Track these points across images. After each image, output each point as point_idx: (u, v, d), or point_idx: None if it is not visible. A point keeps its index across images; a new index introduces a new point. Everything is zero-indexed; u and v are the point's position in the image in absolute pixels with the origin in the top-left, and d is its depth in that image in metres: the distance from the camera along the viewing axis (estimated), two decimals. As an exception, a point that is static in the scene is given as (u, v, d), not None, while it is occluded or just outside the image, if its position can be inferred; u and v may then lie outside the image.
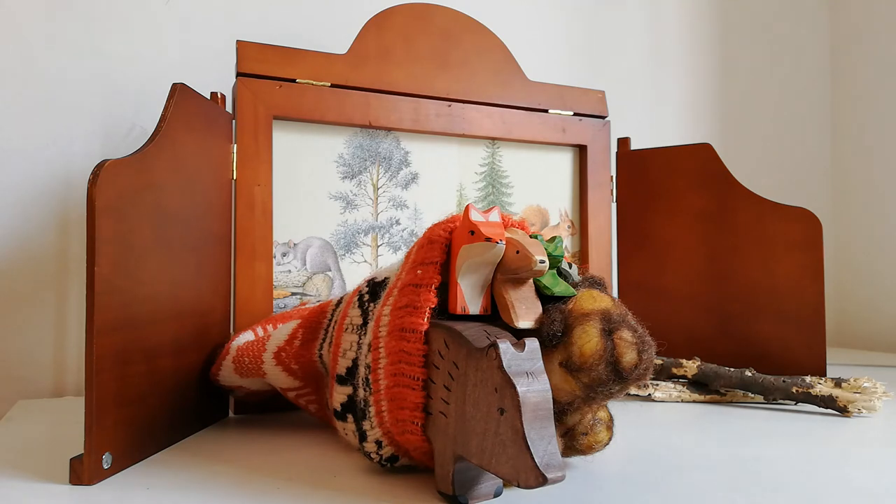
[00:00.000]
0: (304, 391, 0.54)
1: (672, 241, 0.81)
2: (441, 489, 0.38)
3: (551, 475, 0.31)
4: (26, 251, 0.75)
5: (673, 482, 0.42)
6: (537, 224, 0.80)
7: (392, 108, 0.71)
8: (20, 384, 0.74)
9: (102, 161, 0.42)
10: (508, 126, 0.77)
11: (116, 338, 0.43)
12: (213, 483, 0.42)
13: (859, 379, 0.62)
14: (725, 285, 0.77)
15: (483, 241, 0.38)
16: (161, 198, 0.49)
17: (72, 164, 0.77)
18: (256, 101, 0.64)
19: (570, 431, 0.41)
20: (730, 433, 0.54)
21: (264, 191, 0.64)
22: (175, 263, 0.52)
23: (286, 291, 0.66)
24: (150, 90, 0.80)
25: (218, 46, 0.82)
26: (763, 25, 1.23)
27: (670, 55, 1.14)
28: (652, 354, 0.39)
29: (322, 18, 0.89)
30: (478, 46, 0.76)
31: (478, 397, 0.34)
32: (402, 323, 0.39)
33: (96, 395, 0.41)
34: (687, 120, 1.16)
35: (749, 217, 0.76)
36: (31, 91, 0.76)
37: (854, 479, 0.42)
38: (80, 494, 0.40)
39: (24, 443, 0.52)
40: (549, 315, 0.39)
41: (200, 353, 0.56)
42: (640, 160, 0.83)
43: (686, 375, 0.68)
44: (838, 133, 1.28)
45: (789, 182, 1.24)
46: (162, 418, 0.50)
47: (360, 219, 0.70)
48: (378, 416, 0.41)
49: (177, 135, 0.52)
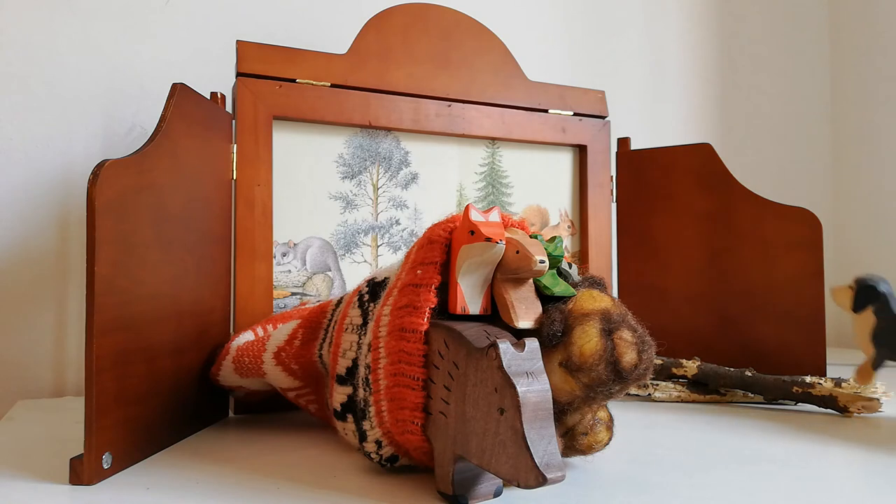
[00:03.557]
0: (304, 391, 0.54)
1: (672, 241, 0.81)
2: (441, 489, 0.38)
3: (551, 475, 0.31)
4: (26, 251, 0.75)
5: (673, 482, 0.42)
6: (537, 224, 0.80)
7: (392, 108, 0.71)
8: (20, 384, 0.74)
9: (102, 161, 0.42)
10: (508, 126, 0.77)
11: (116, 338, 0.43)
12: (213, 483, 0.42)
13: (859, 379, 0.62)
14: (725, 285, 0.77)
15: (483, 241, 0.38)
16: (161, 198, 0.49)
17: (72, 164, 0.77)
18: (256, 101, 0.64)
19: (570, 431, 0.41)
20: (730, 433, 0.54)
21: (264, 191, 0.64)
22: (175, 263, 0.52)
23: (286, 291, 0.66)
24: (150, 90, 0.80)
25: (218, 46, 0.82)
26: (763, 25, 1.23)
27: (670, 55, 1.14)
28: (652, 354, 0.39)
29: (322, 18, 0.89)
30: (478, 46, 0.76)
31: (478, 397, 0.34)
32: (402, 323, 0.39)
33: (96, 395, 0.41)
34: (687, 120, 1.16)
35: (749, 217, 0.76)
36: (31, 91, 0.76)
37: (854, 479, 0.42)
38: (80, 494, 0.40)
39: (24, 443, 0.52)
40: (549, 315, 0.39)
41: (200, 353, 0.56)
42: (640, 160, 0.83)
43: (686, 375, 0.68)
44: (838, 133, 1.28)
45: (789, 182, 1.24)
46: (162, 418, 0.50)
47: (360, 219, 0.70)
48: (378, 416, 0.41)
49: (177, 135, 0.52)
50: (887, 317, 0.57)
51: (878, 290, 0.58)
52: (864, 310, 0.59)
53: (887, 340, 0.57)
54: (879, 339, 0.57)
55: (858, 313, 0.59)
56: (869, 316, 0.58)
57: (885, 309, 0.57)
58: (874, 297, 0.58)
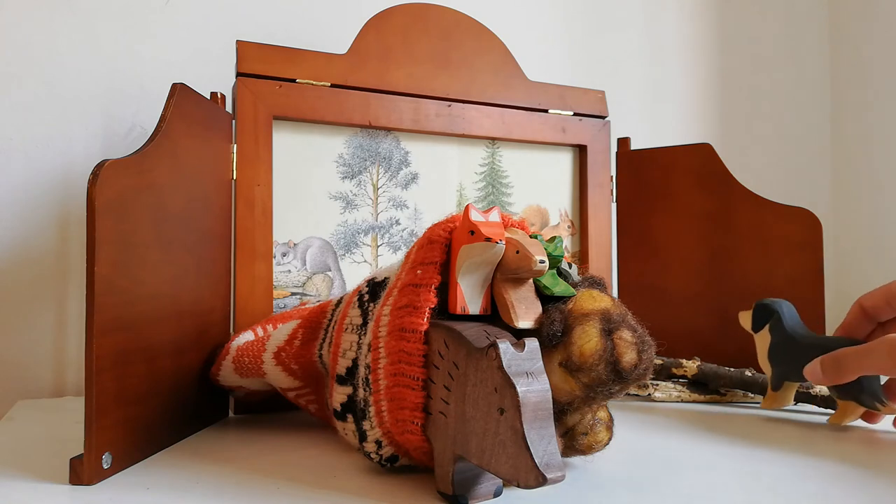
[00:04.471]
0: (304, 391, 0.54)
1: (672, 241, 0.81)
2: (441, 489, 0.38)
3: (551, 475, 0.31)
4: (26, 251, 0.75)
5: (673, 482, 0.42)
6: (537, 224, 0.80)
7: (392, 108, 0.71)
8: (20, 384, 0.74)
9: (102, 161, 0.42)
10: (508, 126, 0.77)
11: (116, 338, 0.43)
12: (213, 483, 0.42)
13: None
14: (725, 285, 0.77)
15: (483, 241, 0.38)
16: (161, 198, 0.49)
17: (72, 164, 0.77)
18: (256, 101, 0.64)
19: (569, 431, 0.41)
20: (730, 433, 0.54)
21: (264, 191, 0.64)
22: (175, 263, 0.52)
23: (286, 291, 0.66)
24: (150, 90, 0.80)
25: (218, 46, 0.82)
26: (763, 25, 1.23)
27: (670, 55, 1.14)
28: (652, 354, 0.39)
29: (322, 18, 0.89)
30: (478, 46, 0.76)
31: (477, 397, 0.34)
32: (402, 323, 0.39)
33: (96, 395, 0.41)
34: (687, 120, 1.16)
35: (749, 217, 0.76)
36: (31, 91, 0.76)
37: (854, 478, 0.42)
38: (80, 494, 0.40)
39: (24, 443, 0.52)
40: (549, 315, 0.39)
41: (200, 353, 0.56)
42: (640, 160, 0.83)
43: (686, 375, 0.68)
44: (838, 133, 1.28)
45: (789, 182, 1.24)
46: (162, 418, 0.50)
47: (360, 219, 0.70)
48: (378, 416, 0.41)
49: (177, 135, 0.52)
50: (780, 333, 0.58)
51: (772, 308, 0.59)
52: (762, 329, 0.59)
53: (782, 358, 0.57)
54: (774, 357, 0.58)
55: (757, 333, 0.60)
56: (765, 334, 0.59)
57: (779, 325, 0.58)
58: (769, 315, 0.59)
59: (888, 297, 0.52)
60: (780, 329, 0.58)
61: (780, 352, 0.57)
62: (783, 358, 0.57)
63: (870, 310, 0.54)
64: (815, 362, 0.51)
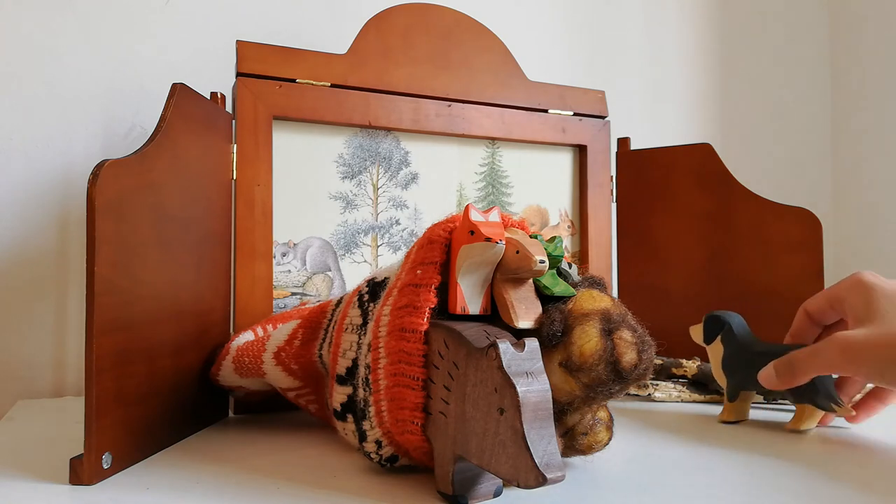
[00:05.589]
0: (304, 391, 0.54)
1: (672, 241, 0.81)
2: (441, 489, 0.38)
3: (551, 475, 0.31)
4: (26, 251, 0.75)
5: (673, 482, 0.42)
6: (537, 224, 0.80)
7: (392, 108, 0.71)
8: (20, 384, 0.74)
9: (102, 161, 0.42)
10: (508, 126, 0.77)
11: (116, 338, 0.43)
12: (213, 483, 0.42)
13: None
14: (725, 285, 0.77)
15: (483, 241, 0.38)
16: (161, 198, 0.49)
17: (72, 164, 0.77)
18: (256, 101, 0.64)
19: (569, 431, 0.41)
20: (729, 433, 0.54)
21: (264, 191, 0.64)
22: (175, 263, 0.52)
23: (286, 291, 0.66)
24: (150, 90, 0.80)
25: (218, 46, 0.82)
26: (763, 25, 1.23)
27: (670, 55, 1.14)
28: (652, 354, 0.39)
29: (322, 18, 0.89)
30: (478, 46, 0.76)
31: (477, 397, 0.34)
32: (402, 323, 0.39)
33: (96, 395, 0.41)
34: (687, 120, 1.16)
35: (749, 217, 0.76)
36: (30, 91, 0.76)
37: (854, 478, 0.42)
38: (80, 494, 0.40)
39: (24, 443, 0.52)
40: (549, 315, 0.39)
41: (200, 353, 0.56)
42: (640, 160, 0.83)
43: (686, 375, 0.68)
44: (838, 133, 1.28)
45: (789, 182, 1.24)
46: (162, 418, 0.50)
47: (360, 219, 0.70)
48: (378, 416, 0.41)
49: (177, 135, 0.52)
50: (732, 343, 0.58)
51: (722, 319, 0.59)
52: (713, 341, 0.59)
53: (736, 368, 0.57)
54: (728, 367, 0.58)
55: (710, 345, 0.60)
56: (718, 346, 0.59)
57: (730, 336, 0.58)
58: (720, 326, 0.59)
59: (831, 301, 0.53)
60: (731, 339, 0.58)
61: (734, 362, 0.57)
62: (737, 368, 0.57)
63: (815, 314, 0.55)
64: (769, 367, 0.51)
